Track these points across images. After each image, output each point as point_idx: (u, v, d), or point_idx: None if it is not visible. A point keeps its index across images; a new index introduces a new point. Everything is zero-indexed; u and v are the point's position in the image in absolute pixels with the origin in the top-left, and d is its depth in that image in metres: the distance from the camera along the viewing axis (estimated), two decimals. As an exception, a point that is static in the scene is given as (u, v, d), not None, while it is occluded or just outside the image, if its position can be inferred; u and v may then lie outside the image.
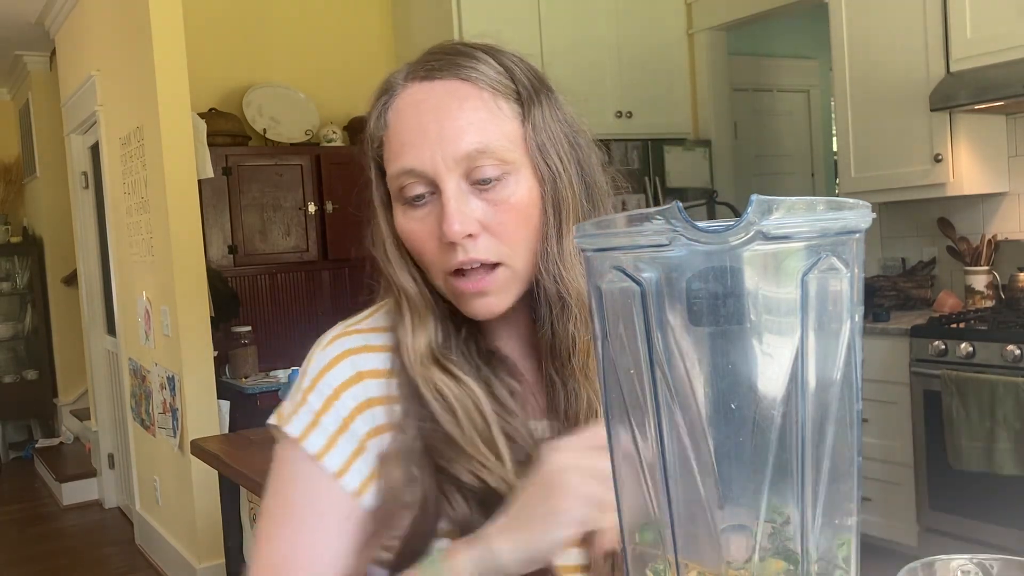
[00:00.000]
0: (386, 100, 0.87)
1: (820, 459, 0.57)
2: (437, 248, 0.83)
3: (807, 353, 0.55)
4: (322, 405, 0.87)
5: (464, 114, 0.82)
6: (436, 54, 0.87)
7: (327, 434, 0.86)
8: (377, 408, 0.87)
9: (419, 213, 0.84)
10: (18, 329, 7.05)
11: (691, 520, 0.59)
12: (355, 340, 0.90)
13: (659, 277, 0.55)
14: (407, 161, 0.83)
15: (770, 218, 0.52)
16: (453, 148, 0.81)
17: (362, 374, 0.88)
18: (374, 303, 0.94)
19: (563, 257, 0.85)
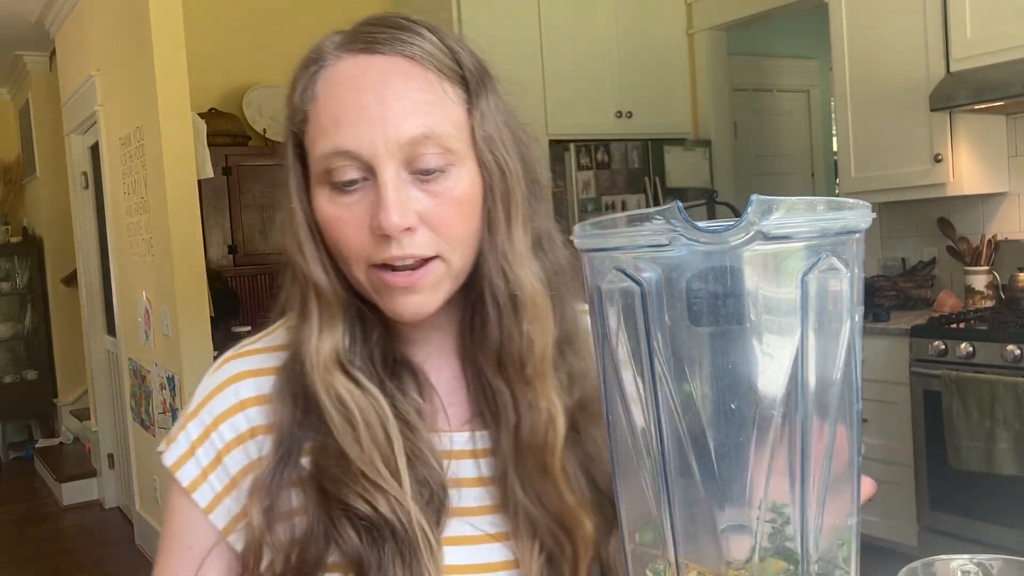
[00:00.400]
0: (315, 70, 0.78)
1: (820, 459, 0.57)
2: (366, 239, 0.75)
3: (807, 353, 0.55)
4: (200, 435, 0.82)
5: (409, 94, 0.75)
6: (376, 25, 0.78)
7: (200, 466, 0.82)
8: (261, 438, 0.81)
9: (348, 199, 0.75)
10: (18, 329, 7.05)
11: (691, 520, 0.59)
12: (246, 363, 0.84)
13: (659, 277, 0.55)
14: (341, 141, 0.74)
15: (770, 218, 0.52)
16: (396, 131, 0.73)
17: (245, 403, 0.82)
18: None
19: (514, 253, 0.79)
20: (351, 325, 0.80)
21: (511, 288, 0.79)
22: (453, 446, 0.82)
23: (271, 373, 0.82)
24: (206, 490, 0.81)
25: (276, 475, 0.77)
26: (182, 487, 0.82)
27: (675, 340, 0.56)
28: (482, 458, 0.82)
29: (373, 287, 0.77)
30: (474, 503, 0.81)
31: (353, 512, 0.75)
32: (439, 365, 0.85)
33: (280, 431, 0.79)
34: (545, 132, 4.42)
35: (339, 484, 0.76)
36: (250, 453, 0.81)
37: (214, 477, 0.81)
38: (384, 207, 0.73)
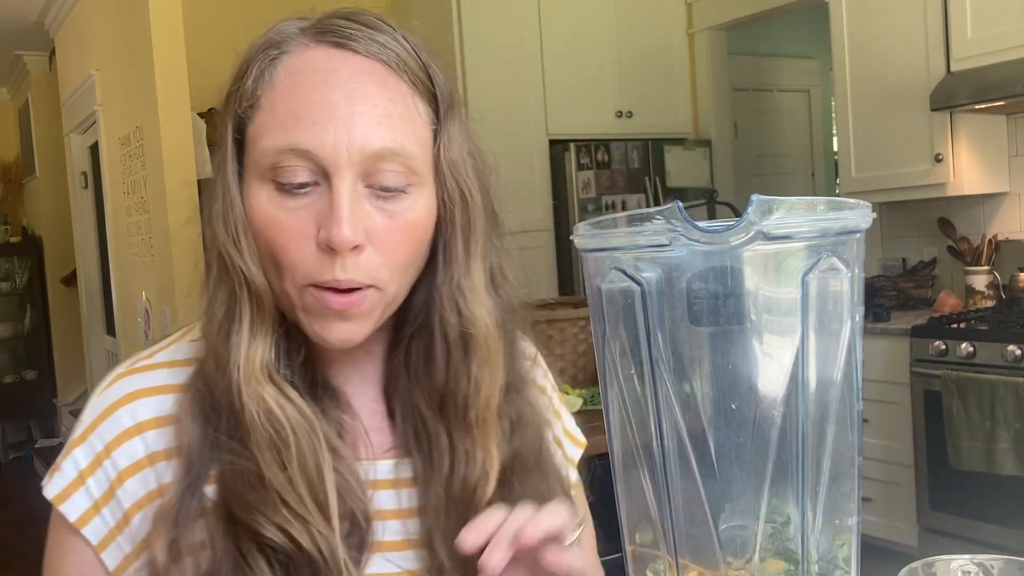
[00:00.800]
0: (276, 55, 0.70)
1: (820, 459, 0.57)
2: (307, 251, 0.68)
3: (807, 353, 0.55)
4: (90, 463, 0.72)
5: (382, 103, 0.68)
6: (350, 20, 0.71)
7: (91, 499, 0.71)
8: (162, 465, 0.71)
9: (293, 203, 0.68)
10: (18, 329, 7.04)
11: (691, 520, 0.59)
12: (142, 380, 0.75)
13: (659, 277, 0.55)
14: (300, 138, 0.67)
15: (770, 218, 0.52)
16: (363, 140, 0.67)
17: (143, 425, 0.72)
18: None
19: (471, 288, 0.74)
20: (279, 337, 0.72)
21: (464, 325, 0.74)
22: (377, 475, 0.76)
23: (172, 391, 0.73)
24: (98, 525, 0.71)
25: (183, 504, 0.69)
26: (69, 523, 0.71)
27: (675, 340, 0.56)
28: (404, 489, 0.77)
29: (304, 306, 0.70)
30: (394, 537, 0.76)
31: (267, 544, 0.68)
32: (361, 390, 0.79)
33: (188, 455, 0.70)
34: (545, 132, 4.42)
35: (252, 513, 0.68)
36: (147, 483, 0.72)
37: (107, 511, 0.72)
38: (337, 219, 0.66)
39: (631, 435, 0.60)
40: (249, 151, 0.70)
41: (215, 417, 0.70)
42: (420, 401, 0.76)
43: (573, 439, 0.92)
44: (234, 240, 0.70)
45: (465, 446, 0.75)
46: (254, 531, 0.68)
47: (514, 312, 0.80)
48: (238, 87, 0.71)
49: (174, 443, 0.71)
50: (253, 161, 0.70)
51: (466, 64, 4.17)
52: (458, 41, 4.17)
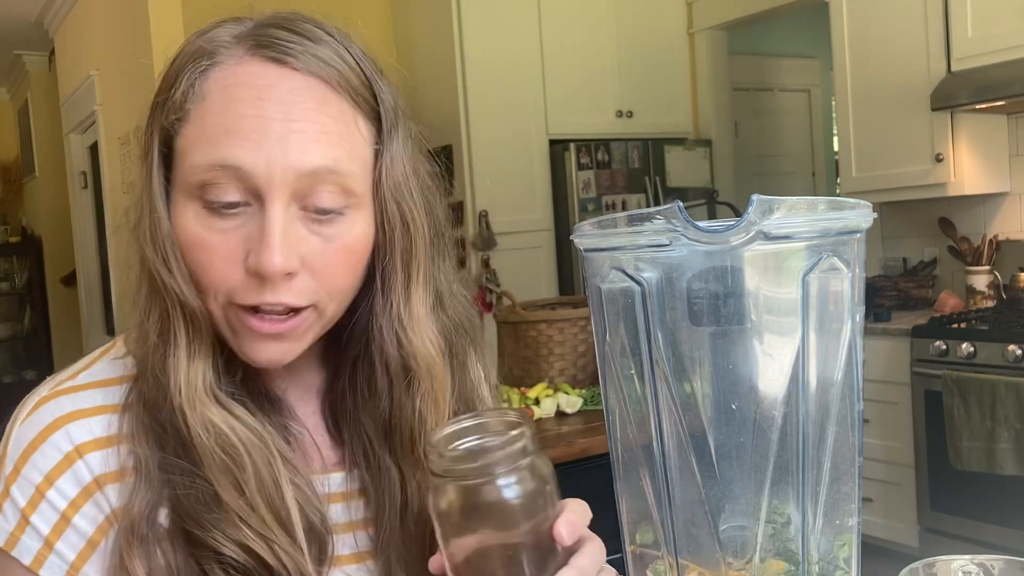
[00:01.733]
0: (207, 65, 0.66)
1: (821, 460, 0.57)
2: (235, 275, 0.65)
3: (808, 353, 0.55)
4: (30, 499, 0.66)
5: (320, 120, 0.65)
6: (289, 31, 0.67)
7: (40, 537, 0.66)
8: (109, 488, 0.67)
9: (222, 224, 0.64)
10: (17, 329, 7.05)
11: (691, 520, 0.58)
12: (66, 403, 0.69)
13: (659, 277, 0.55)
14: (231, 155, 0.63)
15: (771, 218, 0.52)
16: (298, 158, 0.63)
17: (81, 448, 0.67)
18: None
19: (411, 318, 0.71)
20: (217, 354, 0.69)
21: (404, 358, 0.71)
22: (330, 488, 0.74)
23: (106, 411, 0.69)
24: (56, 563, 0.66)
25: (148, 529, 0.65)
26: (24, 566, 0.66)
27: (675, 340, 0.56)
28: (353, 500, 0.75)
29: (230, 326, 0.67)
30: (347, 551, 0.74)
31: (228, 563, 0.65)
32: (304, 400, 0.76)
33: (140, 478, 0.66)
34: (545, 132, 4.42)
35: (210, 532, 0.65)
36: (102, 507, 0.67)
37: (63, 545, 0.66)
38: (268, 246, 0.63)
39: (631, 435, 0.60)
40: (177, 165, 0.66)
41: (161, 437, 0.67)
42: (367, 425, 0.74)
43: None
44: (163, 259, 0.66)
45: (416, 478, 0.72)
46: (214, 550, 0.65)
47: (464, 332, 0.77)
48: (166, 97, 0.67)
49: (120, 465, 0.67)
50: (181, 177, 0.66)
51: (466, 64, 4.17)
52: (458, 41, 4.17)
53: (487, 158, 4.21)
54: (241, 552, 0.65)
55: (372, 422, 0.74)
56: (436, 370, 0.72)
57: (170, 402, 0.66)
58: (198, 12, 4.04)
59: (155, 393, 0.67)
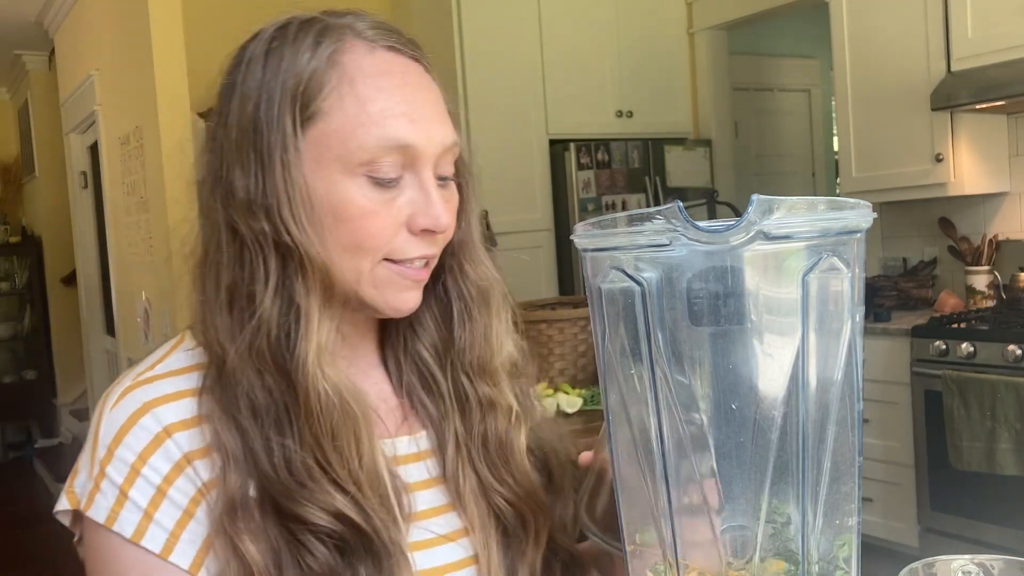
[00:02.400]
0: (335, 46, 0.74)
1: (821, 459, 0.57)
2: (400, 236, 0.74)
3: (808, 353, 0.55)
4: (127, 476, 0.72)
5: (438, 99, 0.78)
6: (385, 25, 0.78)
7: (140, 510, 0.71)
8: (198, 463, 0.72)
9: (386, 195, 0.73)
10: (17, 329, 7.04)
11: (691, 520, 0.58)
12: (150, 391, 0.74)
13: (659, 277, 0.55)
14: (400, 135, 0.72)
15: (771, 218, 0.52)
16: (442, 134, 0.76)
17: (170, 429, 0.73)
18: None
19: (481, 252, 0.85)
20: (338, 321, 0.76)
21: (480, 280, 0.83)
22: (397, 452, 0.80)
23: (187, 395, 0.74)
24: (156, 533, 0.71)
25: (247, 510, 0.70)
26: (126, 539, 0.71)
27: (675, 340, 0.56)
28: (427, 459, 0.82)
29: (379, 279, 0.75)
30: (425, 506, 0.80)
31: (317, 528, 0.70)
32: (366, 374, 0.84)
33: (229, 454, 0.71)
34: (545, 132, 4.42)
35: (300, 503, 0.70)
36: (194, 481, 0.72)
37: (161, 516, 0.71)
38: (435, 206, 0.74)
39: (631, 435, 0.60)
40: (326, 147, 0.72)
41: (252, 415, 0.72)
42: (423, 352, 0.83)
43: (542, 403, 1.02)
44: (308, 230, 0.72)
45: (488, 394, 0.82)
46: (306, 521, 0.70)
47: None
48: (303, 88, 0.72)
49: (205, 443, 0.73)
50: (339, 155, 0.72)
51: (466, 64, 4.17)
52: (458, 41, 4.17)
53: (487, 158, 4.21)
54: (335, 520, 0.70)
55: (430, 347, 0.83)
56: (501, 291, 0.85)
57: (291, 370, 0.71)
58: (198, 12, 4.05)
59: (267, 360, 0.72)
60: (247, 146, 0.73)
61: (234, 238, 0.73)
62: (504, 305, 0.85)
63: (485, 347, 0.83)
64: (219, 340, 0.73)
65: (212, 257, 0.76)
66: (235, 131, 0.74)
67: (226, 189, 0.74)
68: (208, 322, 0.75)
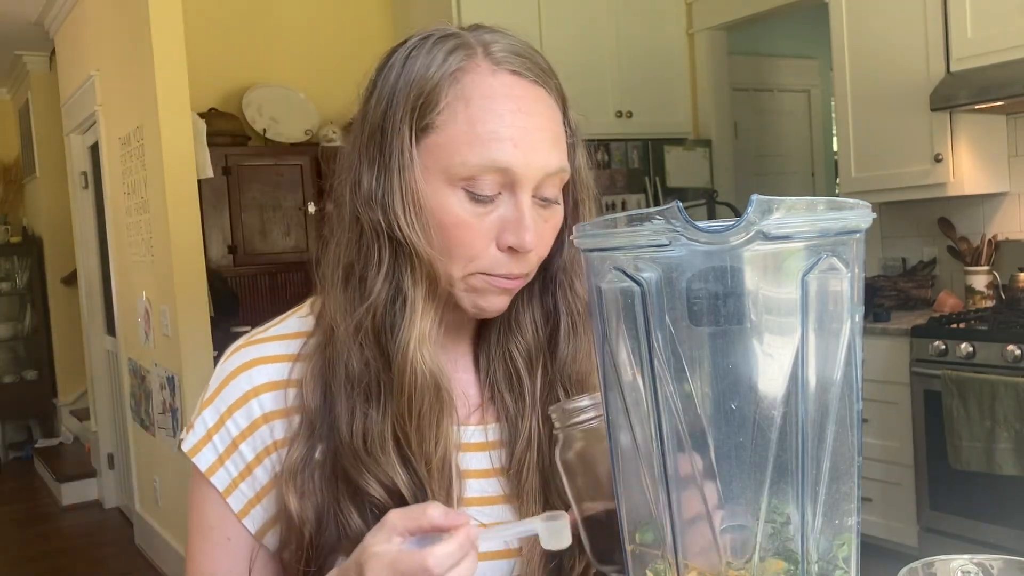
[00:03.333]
0: (459, 74, 0.80)
1: (820, 459, 0.57)
2: (489, 250, 0.79)
3: (807, 353, 0.55)
4: (215, 422, 0.85)
5: (552, 127, 0.82)
6: (517, 49, 0.85)
7: (216, 453, 0.85)
8: (275, 423, 0.84)
9: (480, 209, 0.79)
10: (18, 329, 7.04)
11: (691, 520, 0.59)
12: (255, 351, 0.86)
13: (659, 277, 0.55)
14: (501, 157, 0.77)
15: (770, 218, 0.52)
16: (545, 160, 0.79)
17: (259, 389, 0.84)
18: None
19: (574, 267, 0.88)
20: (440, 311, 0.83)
21: (584, 298, 0.86)
22: (463, 439, 0.85)
23: (284, 360, 0.85)
24: (223, 475, 0.84)
25: (306, 460, 0.80)
26: (201, 472, 0.85)
27: (675, 340, 0.56)
28: (493, 450, 0.87)
29: (470, 287, 0.81)
30: (477, 494, 0.85)
31: (370, 499, 0.78)
32: (457, 363, 0.89)
33: (310, 417, 0.81)
34: (545, 132, 4.41)
35: (363, 473, 0.78)
36: (264, 439, 0.84)
37: (230, 463, 0.84)
38: (524, 227, 0.78)
39: (631, 435, 0.61)
40: (435, 156, 0.79)
41: (344, 383, 0.80)
42: (515, 351, 0.87)
43: None
44: (417, 230, 0.78)
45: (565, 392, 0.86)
46: (360, 489, 0.77)
47: None
48: (424, 101, 0.79)
49: (287, 404, 0.83)
50: (442, 166, 0.78)
51: (466, 64, 4.17)
52: (458, 41, 4.17)
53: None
54: (387, 495, 0.77)
55: (519, 349, 0.87)
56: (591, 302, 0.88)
57: (390, 345, 0.79)
58: (198, 12, 4.05)
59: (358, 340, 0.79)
60: (374, 146, 0.81)
61: (355, 224, 0.81)
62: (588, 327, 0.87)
63: (586, 362, 0.87)
64: (332, 313, 0.82)
65: (336, 237, 0.84)
66: (368, 129, 0.82)
67: (355, 180, 0.82)
68: (325, 294, 0.84)
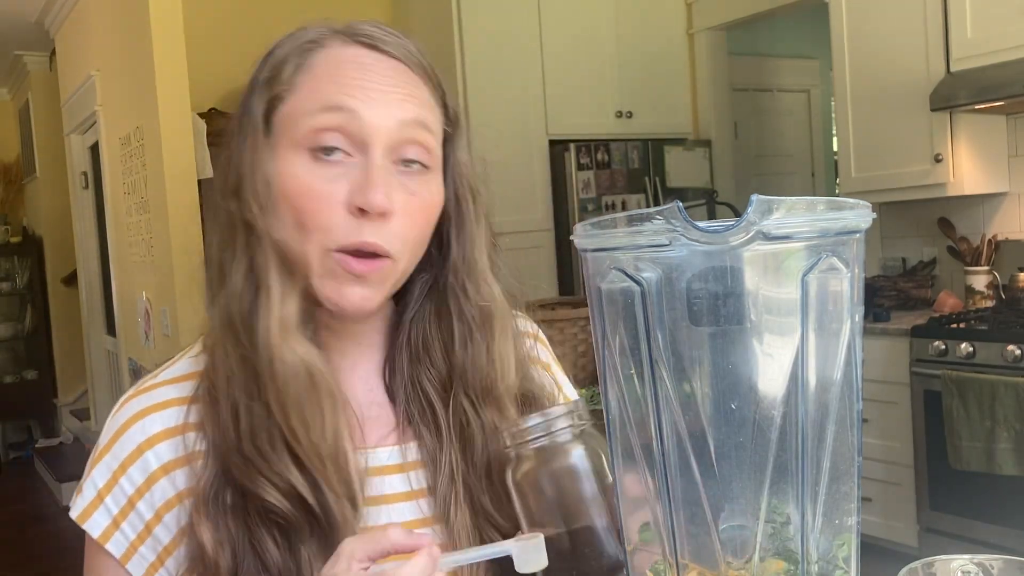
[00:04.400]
0: (312, 47, 0.76)
1: (820, 459, 0.57)
2: (339, 218, 0.72)
3: (807, 353, 0.55)
4: (106, 483, 0.77)
5: (409, 88, 0.76)
6: (379, 29, 0.79)
7: (110, 515, 0.76)
8: (175, 473, 0.76)
9: (328, 172, 0.73)
10: (18, 329, 7.04)
11: (691, 520, 0.59)
12: (145, 400, 0.79)
13: (659, 277, 0.55)
14: (343, 100, 0.73)
15: (770, 218, 0.52)
16: (398, 109, 0.74)
17: (152, 440, 0.76)
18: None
19: (483, 267, 0.83)
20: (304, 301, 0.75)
21: (483, 300, 0.81)
22: (377, 463, 0.80)
23: (177, 403, 0.78)
24: (119, 539, 0.76)
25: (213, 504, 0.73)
26: (94, 539, 0.77)
27: (675, 340, 0.56)
28: (413, 471, 0.81)
29: (325, 270, 0.74)
30: (409, 517, 0.80)
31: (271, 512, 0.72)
32: (364, 378, 0.84)
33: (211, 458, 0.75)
34: (545, 132, 4.42)
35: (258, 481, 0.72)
36: (165, 492, 0.76)
37: (127, 525, 0.76)
38: (373, 183, 0.72)
39: (631, 435, 0.61)
40: (282, 127, 0.75)
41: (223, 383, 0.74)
42: (426, 383, 0.82)
43: None
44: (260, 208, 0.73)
45: (492, 420, 0.80)
46: (261, 503, 0.72)
47: (510, 296, 0.86)
48: (271, 75, 0.76)
49: (187, 450, 0.76)
50: (289, 133, 0.74)
51: (466, 65, 4.17)
52: (458, 41, 4.17)
53: (487, 158, 4.21)
54: (284, 499, 0.72)
55: (431, 376, 0.82)
56: (507, 313, 0.83)
57: (258, 339, 0.72)
58: (198, 12, 4.05)
59: (242, 335, 0.74)
60: (236, 133, 0.77)
61: (223, 219, 0.77)
62: (508, 328, 0.83)
63: (488, 371, 0.81)
64: (210, 313, 0.77)
65: (208, 238, 0.79)
66: (234, 121, 0.79)
67: (223, 175, 0.78)
68: (207, 297, 0.79)
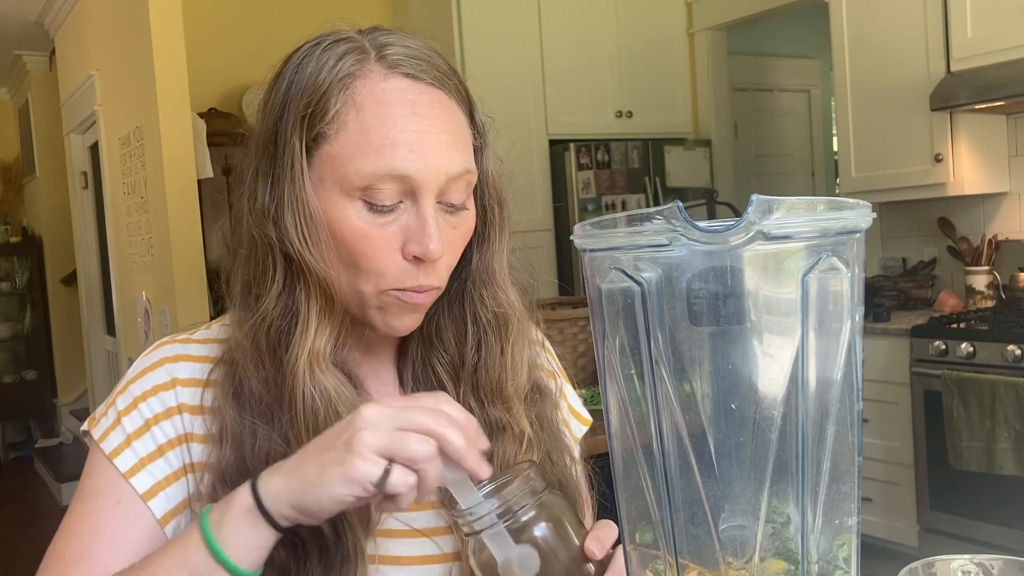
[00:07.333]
0: (349, 81, 0.76)
1: (820, 459, 0.57)
2: (394, 264, 0.76)
3: (807, 353, 0.55)
4: (127, 407, 0.82)
5: (452, 129, 0.78)
6: (414, 52, 0.79)
7: (125, 434, 0.81)
8: (188, 416, 0.81)
9: (383, 220, 0.76)
10: (18, 329, 7.04)
11: (691, 520, 0.58)
12: (176, 348, 0.85)
13: (659, 277, 0.55)
14: (397, 164, 0.74)
15: (770, 218, 0.52)
16: (447, 164, 0.76)
17: (176, 381, 0.82)
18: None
19: (502, 274, 0.86)
20: (339, 330, 0.81)
21: (499, 306, 0.85)
22: None
23: (205, 360, 0.83)
24: (128, 455, 0.80)
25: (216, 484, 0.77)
26: (106, 454, 0.81)
27: (675, 340, 0.56)
28: None
29: (380, 304, 0.78)
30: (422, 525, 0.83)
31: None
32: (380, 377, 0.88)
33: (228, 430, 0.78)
34: (545, 132, 4.41)
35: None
36: (177, 427, 0.81)
37: (139, 443, 0.81)
38: (428, 235, 0.75)
39: (631, 435, 0.60)
40: (329, 167, 0.76)
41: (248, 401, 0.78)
42: (438, 365, 0.86)
43: (579, 417, 1.03)
44: (305, 241, 0.76)
45: (502, 420, 0.83)
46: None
47: (525, 297, 0.90)
48: (312, 108, 0.76)
49: (202, 403, 0.81)
50: (340, 179, 0.75)
51: (466, 64, 4.17)
52: (458, 41, 4.17)
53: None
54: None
55: (443, 361, 0.85)
56: (524, 319, 0.87)
57: (285, 369, 0.76)
58: (198, 12, 4.05)
59: (265, 360, 0.78)
60: (266, 159, 0.78)
61: (251, 240, 0.80)
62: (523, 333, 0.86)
63: (500, 372, 0.84)
64: (234, 331, 0.81)
65: (236, 252, 0.83)
66: (261, 141, 0.79)
67: (250, 194, 0.80)
68: (231, 312, 0.83)
